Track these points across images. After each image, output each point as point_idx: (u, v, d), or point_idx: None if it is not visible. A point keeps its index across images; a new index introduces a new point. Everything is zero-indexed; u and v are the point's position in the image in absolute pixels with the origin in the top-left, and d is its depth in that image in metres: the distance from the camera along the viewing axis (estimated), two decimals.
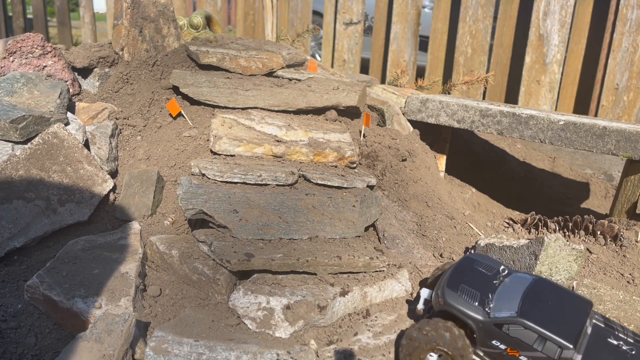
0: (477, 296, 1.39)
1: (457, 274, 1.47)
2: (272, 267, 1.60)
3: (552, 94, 3.96)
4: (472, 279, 1.45)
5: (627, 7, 3.65)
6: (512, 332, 1.32)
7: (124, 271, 1.61)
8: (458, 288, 1.42)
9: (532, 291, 1.38)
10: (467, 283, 1.43)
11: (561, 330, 1.28)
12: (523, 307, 1.33)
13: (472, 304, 1.38)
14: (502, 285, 1.42)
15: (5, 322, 1.52)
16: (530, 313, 1.32)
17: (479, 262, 1.51)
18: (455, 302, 1.40)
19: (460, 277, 1.46)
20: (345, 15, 4.61)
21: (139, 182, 1.97)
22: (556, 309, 1.34)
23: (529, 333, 1.30)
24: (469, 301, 1.39)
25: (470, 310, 1.38)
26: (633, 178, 2.42)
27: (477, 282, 1.43)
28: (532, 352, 1.30)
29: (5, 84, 2.07)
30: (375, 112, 2.52)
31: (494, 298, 1.38)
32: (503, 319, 1.33)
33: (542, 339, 1.29)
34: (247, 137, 2.04)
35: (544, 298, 1.36)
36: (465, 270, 1.49)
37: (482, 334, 1.36)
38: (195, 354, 1.36)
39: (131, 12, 2.36)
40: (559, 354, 1.27)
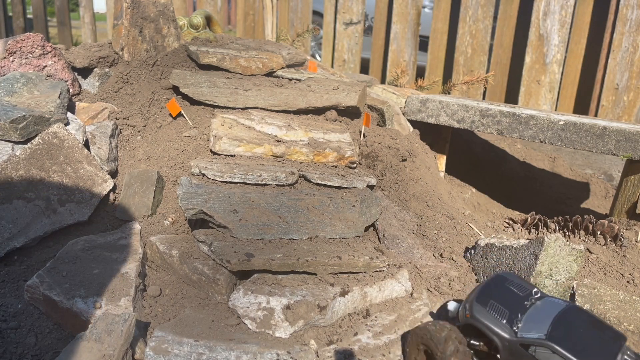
0: (507, 314, 1.36)
1: (488, 290, 1.44)
2: (272, 267, 1.60)
3: (552, 94, 3.96)
4: (502, 296, 1.41)
5: (627, 7, 3.65)
6: (538, 355, 1.28)
7: (124, 271, 1.61)
8: (487, 304, 1.39)
9: (565, 317, 1.34)
10: (497, 300, 1.40)
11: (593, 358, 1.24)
12: (553, 331, 1.29)
13: (500, 321, 1.35)
14: (533, 307, 1.38)
15: (5, 322, 1.52)
16: (560, 337, 1.28)
17: (511, 281, 1.48)
18: (482, 316, 1.37)
19: (490, 293, 1.42)
20: (345, 15, 4.61)
21: (139, 182, 1.97)
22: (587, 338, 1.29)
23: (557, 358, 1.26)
24: (497, 318, 1.36)
25: (497, 327, 1.34)
26: (633, 178, 2.42)
27: (507, 300, 1.40)
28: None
29: (5, 84, 2.07)
30: (375, 112, 2.52)
31: (523, 318, 1.34)
32: (531, 339, 1.29)
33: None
34: (247, 137, 2.04)
35: (576, 325, 1.32)
36: (497, 287, 1.45)
37: (507, 353, 1.33)
38: (195, 354, 1.36)
39: (131, 12, 2.36)
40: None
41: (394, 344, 1.54)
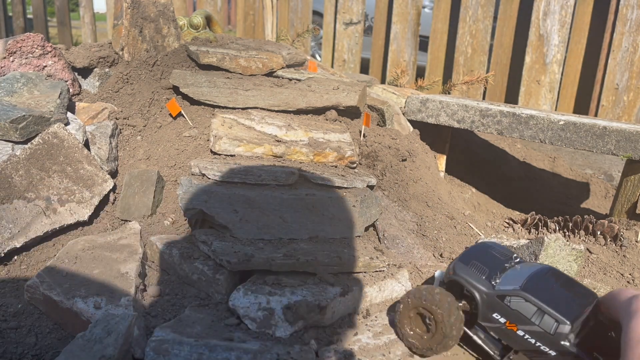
0: (487, 272, 1.44)
1: (471, 253, 1.54)
2: (272, 267, 1.60)
3: (552, 94, 3.96)
4: (484, 259, 1.50)
5: (627, 7, 3.65)
6: (513, 305, 1.35)
7: (124, 271, 1.61)
8: (469, 263, 1.48)
9: (540, 274, 1.41)
10: (479, 260, 1.49)
11: (561, 308, 1.31)
12: (527, 284, 1.37)
13: (479, 277, 1.44)
14: (512, 268, 1.46)
15: (5, 322, 1.52)
16: (533, 289, 1.35)
17: (494, 248, 1.56)
18: (464, 273, 1.46)
19: (473, 255, 1.52)
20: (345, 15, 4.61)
21: (139, 182, 1.97)
22: (560, 292, 1.36)
23: (529, 306, 1.33)
24: (478, 274, 1.44)
25: (478, 282, 1.43)
26: (633, 178, 2.42)
27: (488, 261, 1.48)
28: (529, 325, 1.33)
29: (5, 84, 2.07)
30: (375, 112, 2.52)
31: (501, 276, 1.43)
32: (506, 290, 1.37)
33: (540, 313, 1.31)
34: (247, 137, 2.04)
35: (550, 281, 1.39)
36: (480, 251, 1.54)
37: (485, 306, 1.41)
38: (196, 354, 1.36)
39: (131, 12, 2.36)
40: (554, 328, 1.29)
41: (394, 344, 1.54)
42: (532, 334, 1.33)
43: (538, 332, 1.32)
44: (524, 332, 1.35)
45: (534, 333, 1.33)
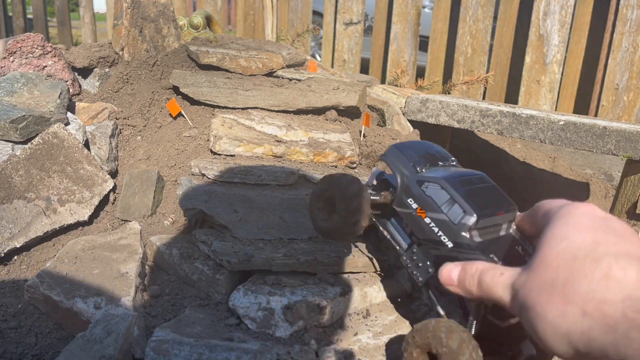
0: (416, 160, 1.41)
1: (411, 144, 1.49)
2: (272, 267, 1.60)
3: (552, 94, 3.96)
4: (421, 151, 1.46)
5: (627, 7, 3.65)
6: (428, 191, 1.32)
7: (124, 271, 1.61)
8: (404, 151, 1.45)
9: (468, 174, 1.37)
10: (415, 151, 1.45)
11: (472, 202, 1.26)
12: (448, 176, 1.33)
13: (407, 163, 1.41)
14: (444, 167, 1.42)
15: (5, 322, 1.52)
16: (452, 180, 1.31)
17: (434, 147, 1.51)
18: (394, 157, 1.43)
19: (411, 146, 1.48)
20: (345, 15, 4.61)
21: (139, 182, 1.97)
22: (480, 192, 1.32)
23: (443, 194, 1.29)
24: (406, 161, 1.41)
25: (403, 166, 1.40)
26: (633, 178, 2.42)
27: (424, 155, 1.45)
28: (437, 213, 1.30)
29: (5, 84, 2.07)
30: (375, 112, 2.52)
31: (430, 169, 1.39)
32: (427, 177, 1.34)
33: (451, 202, 1.28)
34: (247, 137, 2.04)
35: (475, 182, 1.35)
36: (418, 144, 1.50)
37: (402, 191, 1.38)
38: (196, 354, 1.36)
39: (131, 12, 2.36)
40: (460, 219, 1.25)
41: (394, 343, 1.54)
42: (438, 222, 1.30)
43: (443, 220, 1.28)
44: (430, 219, 1.31)
45: (440, 221, 1.29)
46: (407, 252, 1.38)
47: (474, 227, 1.25)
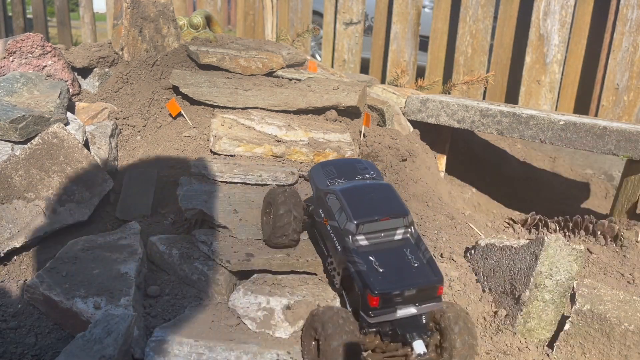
0: (332, 175, 1.58)
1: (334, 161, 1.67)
2: (272, 267, 1.60)
3: (552, 94, 3.96)
4: (341, 167, 1.62)
5: (628, 7, 3.65)
6: (329, 201, 1.49)
7: (124, 271, 1.60)
8: (325, 167, 1.62)
9: (368, 186, 1.52)
10: (336, 167, 1.61)
11: (357, 210, 1.41)
12: (345, 187, 1.49)
13: (323, 178, 1.57)
14: (360, 180, 1.57)
15: (5, 322, 1.51)
16: (348, 191, 1.47)
17: (362, 163, 1.66)
18: (315, 173, 1.61)
19: (333, 163, 1.65)
20: (345, 15, 4.61)
21: (139, 182, 1.97)
22: (370, 201, 1.46)
23: (336, 203, 1.46)
24: (324, 176, 1.58)
25: (318, 181, 1.58)
26: (633, 178, 2.42)
27: (344, 170, 1.60)
28: (333, 221, 1.47)
29: (5, 83, 2.07)
30: (375, 112, 2.52)
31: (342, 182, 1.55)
32: (329, 189, 1.51)
33: (341, 210, 1.44)
34: (247, 137, 2.04)
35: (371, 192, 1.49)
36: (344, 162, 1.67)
37: (316, 202, 1.57)
38: (195, 354, 1.36)
39: (131, 12, 2.36)
40: (344, 224, 1.42)
41: None
42: (334, 228, 1.46)
43: (336, 227, 1.45)
44: (330, 227, 1.48)
45: (334, 228, 1.46)
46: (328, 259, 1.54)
47: (355, 232, 1.40)
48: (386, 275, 1.35)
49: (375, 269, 1.36)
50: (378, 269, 1.36)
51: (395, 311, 1.35)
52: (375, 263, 1.37)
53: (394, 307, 1.34)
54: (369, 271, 1.35)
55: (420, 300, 1.37)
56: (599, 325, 1.55)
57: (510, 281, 1.71)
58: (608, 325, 1.54)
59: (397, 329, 1.36)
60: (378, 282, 1.33)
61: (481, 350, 1.61)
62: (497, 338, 1.65)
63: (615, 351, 1.54)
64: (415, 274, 1.38)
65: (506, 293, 1.72)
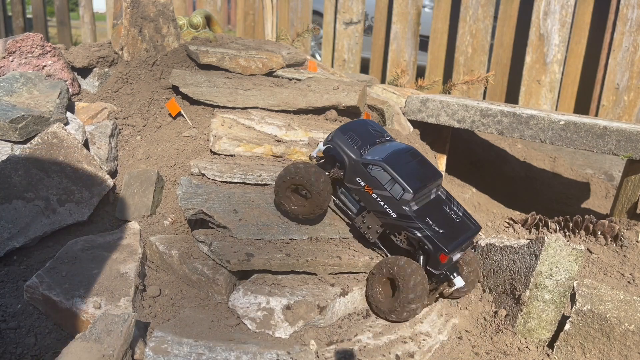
0: (359, 143, 1.71)
1: (351, 126, 1.78)
2: (272, 267, 1.60)
3: (553, 93, 3.96)
4: (360, 132, 1.75)
5: (628, 7, 3.65)
6: (373, 172, 1.64)
7: (124, 271, 1.60)
8: (346, 133, 1.73)
9: (401, 152, 1.70)
10: (356, 133, 1.74)
11: (409, 180, 1.61)
12: (388, 157, 1.65)
13: (352, 146, 1.70)
14: (381, 144, 1.74)
15: (4, 322, 1.51)
16: (391, 161, 1.64)
17: (371, 125, 1.82)
18: (340, 141, 1.72)
19: (351, 128, 1.76)
20: (345, 15, 4.60)
21: (139, 182, 1.97)
22: (413, 168, 1.67)
23: (385, 175, 1.62)
24: (351, 144, 1.71)
25: (349, 150, 1.70)
26: (633, 178, 2.41)
27: (363, 135, 1.74)
28: (382, 191, 1.63)
29: (4, 83, 2.07)
30: (375, 112, 2.51)
31: (370, 149, 1.71)
32: (370, 160, 1.65)
33: (392, 182, 1.62)
34: (247, 137, 2.04)
35: (407, 158, 1.69)
36: (358, 125, 1.80)
37: (351, 171, 1.69)
38: (195, 354, 1.35)
39: (131, 11, 2.36)
40: (400, 195, 1.60)
41: (394, 344, 1.53)
42: (383, 197, 1.64)
43: (387, 196, 1.63)
44: (377, 195, 1.64)
45: (384, 197, 1.63)
46: (358, 216, 1.70)
47: (411, 200, 1.60)
48: (447, 235, 1.60)
49: (437, 231, 1.59)
50: (439, 230, 1.60)
51: (452, 259, 1.63)
52: (433, 225, 1.60)
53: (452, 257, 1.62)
54: (435, 234, 1.58)
55: (465, 246, 1.67)
56: (599, 325, 1.55)
57: (510, 281, 1.71)
58: (608, 325, 1.54)
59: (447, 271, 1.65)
60: (446, 242, 1.58)
61: (481, 350, 1.61)
62: (497, 338, 1.65)
63: (615, 351, 1.54)
64: (462, 228, 1.66)
65: (506, 293, 1.72)
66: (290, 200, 1.69)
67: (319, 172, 1.65)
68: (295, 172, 1.65)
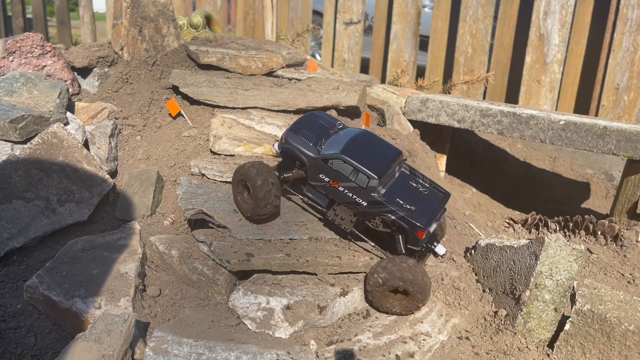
0: (313, 139, 1.70)
1: (301, 123, 1.76)
2: (272, 267, 1.60)
3: (553, 93, 3.96)
4: (312, 127, 1.74)
5: (628, 7, 3.65)
6: (334, 166, 1.63)
7: (124, 271, 1.60)
8: (299, 132, 1.72)
9: (357, 138, 1.69)
10: (308, 130, 1.72)
11: (371, 166, 1.60)
12: (345, 148, 1.63)
13: (308, 144, 1.68)
14: (335, 135, 1.72)
15: (4, 322, 1.51)
16: (349, 151, 1.62)
17: (321, 117, 1.80)
18: (294, 142, 1.70)
19: (302, 125, 1.75)
20: (345, 15, 4.60)
21: (139, 182, 1.97)
22: (372, 152, 1.65)
23: (347, 166, 1.61)
24: (306, 142, 1.69)
25: (306, 149, 1.68)
26: (633, 178, 2.42)
27: (315, 130, 1.73)
28: (348, 182, 1.62)
29: (4, 83, 2.07)
30: (375, 112, 2.51)
31: (326, 142, 1.69)
32: (329, 154, 1.63)
33: (356, 172, 1.60)
34: (246, 137, 2.04)
35: (364, 144, 1.67)
36: (308, 121, 1.77)
37: (312, 169, 1.67)
38: (195, 354, 1.35)
39: (131, 11, 2.36)
40: (366, 183, 1.59)
41: (394, 344, 1.53)
42: (350, 189, 1.63)
43: (354, 187, 1.62)
44: (343, 188, 1.63)
45: (352, 188, 1.62)
46: (330, 210, 1.68)
47: (378, 185, 1.60)
48: (419, 210, 1.61)
49: (409, 209, 1.60)
50: (411, 208, 1.60)
51: (430, 233, 1.63)
52: (405, 205, 1.60)
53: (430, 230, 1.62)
54: (408, 213, 1.59)
55: (440, 216, 1.68)
56: (599, 325, 1.55)
57: (510, 281, 1.71)
58: (608, 325, 1.54)
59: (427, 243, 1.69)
60: (420, 218, 1.58)
61: (481, 350, 1.61)
62: (497, 338, 1.65)
63: (615, 351, 1.54)
64: (432, 199, 1.68)
65: (506, 293, 1.72)
66: (242, 196, 1.70)
67: (262, 170, 1.64)
68: (243, 168, 1.67)
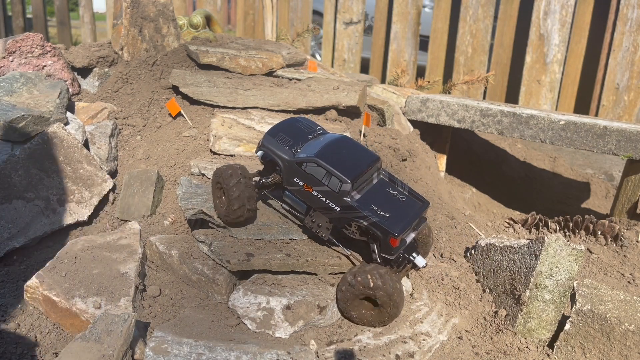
0: (290, 142, 1.67)
1: (279, 127, 1.74)
2: (272, 267, 1.60)
3: (553, 93, 3.96)
4: (290, 131, 1.71)
5: (628, 7, 3.65)
6: (308, 170, 1.59)
7: (124, 271, 1.60)
8: (276, 136, 1.70)
9: (333, 143, 1.65)
10: (286, 133, 1.70)
11: (344, 170, 1.56)
12: (320, 151, 1.60)
13: (284, 147, 1.66)
14: (314, 139, 1.70)
15: (4, 322, 1.51)
16: (323, 155, 1.59)
17: (301, 122, 1.78)
18: (271, 145, 1.68)
19: (281, 129, 1.72)
20: (345, 15, 4.60)
21: (139, 182, 1.97)
22: (347, 157, 1.62)
23: (320, 170, 1.57)
24: (282, 145, 1.67)
25: (281, 152, 1.66)
26: (634, 178, 2.42)
27: (293, 134, 1.70)
28: (321, 186, 1.58)
29: (4, 83, 2.07)
30: (375, 112, 2.51)
31: (303, 146, 1.66)
32: (303, 157, 1.60)
33: (329, 175, 1.56)
34: (247, 137, 2.04)
35: (340, 148, 1.64)
36: (287, 125, 1.75)
37: (288, 172, 1.64)
38: (195, 354, 1.35)
39: (131, 11, 2.36)
40: (339, 187, 1.55)
41: (394, 344, 1.53)
42: (323, 193, 1.59)
43: (327, 191, 1.58)
44: (317, 192, 1.59)
45: (325, 192, 1.59)
46: (307, 216, 1.64)
47: (351, 190, 1.55)
48: (394, 218, 1.55)
49: (383, 215, 1.54)
50: (384, 214, 1.54)
51: (405, 241, 1.59)
52: (379, 211, 1.55)
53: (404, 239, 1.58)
54: (381, 220, 1.53)
55: (417, 225, 1.62)
56: (599, 325, 1.55)
57: (510, 281, 1.71)
58: (608, 325, 1.54)
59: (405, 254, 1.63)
60: (393, 226, 1.52)
61: (481, 350, 1.61)
62: (497, 338, 1.65)
63: (615, 351, 1.54)
64: (410, 207, 1.61)
65: (506, 293, 1.72)
66: (219, 199, 1.68)
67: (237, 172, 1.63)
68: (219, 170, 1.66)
